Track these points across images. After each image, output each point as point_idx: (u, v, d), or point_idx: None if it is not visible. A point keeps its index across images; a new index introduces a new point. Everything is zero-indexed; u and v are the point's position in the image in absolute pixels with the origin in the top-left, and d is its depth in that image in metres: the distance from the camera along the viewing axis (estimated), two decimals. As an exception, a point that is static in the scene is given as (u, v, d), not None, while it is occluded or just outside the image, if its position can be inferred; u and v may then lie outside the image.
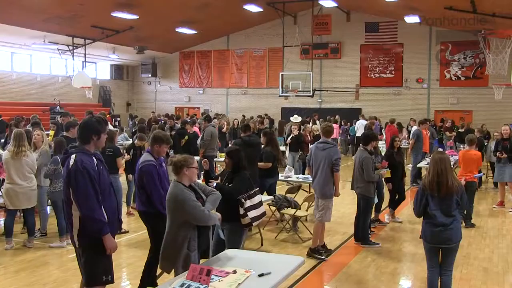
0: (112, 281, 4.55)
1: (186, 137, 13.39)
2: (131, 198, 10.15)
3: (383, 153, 10.40)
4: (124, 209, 10.07)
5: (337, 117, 23.60)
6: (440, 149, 13.61)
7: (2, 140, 12.36)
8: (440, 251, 5.46)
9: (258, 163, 9.12)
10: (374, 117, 22.65)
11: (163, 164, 5.98)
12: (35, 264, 7.12)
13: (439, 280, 5.49)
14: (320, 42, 27.13)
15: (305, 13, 26.09)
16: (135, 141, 10.56)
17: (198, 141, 13.15)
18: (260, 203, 5.75)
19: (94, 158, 4.46)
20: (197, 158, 8.86)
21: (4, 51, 26.34)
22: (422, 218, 5.52)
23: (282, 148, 17.38)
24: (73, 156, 4.36)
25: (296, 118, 17.71)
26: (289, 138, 13.96)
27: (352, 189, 8.49)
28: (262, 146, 9.63)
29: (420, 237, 5.61)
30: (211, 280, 4.00)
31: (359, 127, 21.18)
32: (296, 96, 25.39)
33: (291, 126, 14.86)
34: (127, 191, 10.34)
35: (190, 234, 4.70)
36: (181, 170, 4.80)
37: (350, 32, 27.23)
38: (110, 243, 4.41)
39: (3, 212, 9.32)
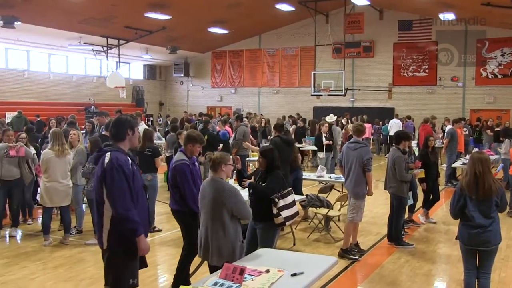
0: (137, 284, 4.41)
1: (206, 136, 13.36)
2: None
3: (416, 153, 10.24)
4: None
5: (364, 116, 23.30)
6: (476, 149, 13.31)
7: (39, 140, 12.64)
8: (478, 253, 5.32)
9: None
10: (408, 116, 22.38)
11: (196, 163, 6.02)
12: (71, 261, 7.27)
13: (476, 283, 5.37)
14: (353, 40, 26.89)
15: (337, 12, 25.91)
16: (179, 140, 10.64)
17: (231, 141, 13.18)
18: (293, 203, 5.74)
19: (128, 157, 4.35)
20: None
21: (42, 53, 26.99)
22: (458, 219, 5.40)
23: (314, 148, 17.35)
24: (108, 154, 4.24)
25: (331, 117, 17.63)
26: (324, 138, 13.68)
27: (385, 189, 8.38)
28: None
29: (456, 238, 5.49)
30: (244, 279, 4.00)
31: (392, 126, 20.92)
32: (328, 95, 25.24)
33: (320, 126, 14.68)
34: None
35: (238, 226, 4.82)
36: (219, 167, 4.87)
37: (383, 30, 26.92)
38: (144, 244, 4.27)
39: (37, 209, 9.58)
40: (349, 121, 21.48)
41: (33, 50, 26.34)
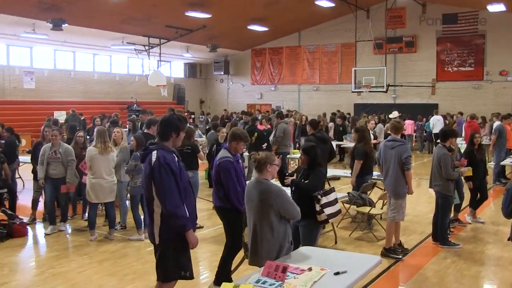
0: (191, 277, 4.56)
1: (256, 134, 13.43)
2: None
3: (462, 150, 9.98)
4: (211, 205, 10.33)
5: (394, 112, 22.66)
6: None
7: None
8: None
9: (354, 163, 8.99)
10: (460, 112, 21.85)
11: (240, 160, 6.03)
12: (116, 256, 7.42)
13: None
14: (394, 36, 26.45)
15: (378, 7, 25.50)
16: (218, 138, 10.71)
17: (271, 138, 13.17)
18: (335, 200, 5.70)
19: (174, 155, 4.45)
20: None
21: (87, 53, 27.68)
22: (511, 219, 5.19)
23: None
24: (154, 153, 4.34)
25: (394, 114, 17.45)
26: (372, 136, 13.40)
27: (430, 187, 8.19)
28: (354, 143, 9.47)
29: (508, 239, 5.29)
30: (286, 277, 3.98)
31: (435, 123, 20.47)
32: (369, 91, 24.90)
33: (366, 122, 14.45)
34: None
35: (287, 228, 4.78)
36: (265, 167, 4.82)
37: (426, 24, 26.39)
38: (193, 238, 4.42)
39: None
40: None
41: (79, 51, 27.05)
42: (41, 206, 9.30)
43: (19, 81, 24.33)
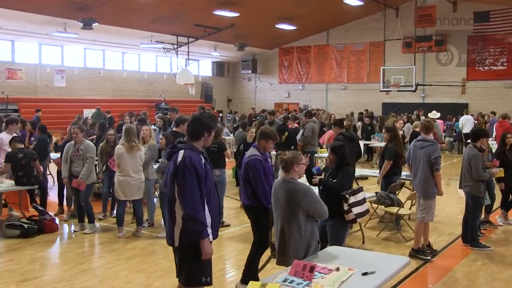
0: (210, 283, 4.41)
1: (286, 133, 13.41)
2: None
3: (493, 151, 9.77)
4: (238, 203, 10.36)
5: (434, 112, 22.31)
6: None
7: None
8: None
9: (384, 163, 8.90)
10: (493, 112, 21.42)
11: (269, 159, 6.02)
12: (144, 253, 7.49)
13: None
14: (424, 34, 26.07)
15: (407, 5, 25.20)
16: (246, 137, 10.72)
17: (298, 136, 13.14)
18: (363, 200, 5.65)
19: (201, 156, 4.32)
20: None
21: (116, 52, 28.05)
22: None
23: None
24: (181, 152, 4.23)
25: (434, 114, 17.31)
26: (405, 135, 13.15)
27: (460, 187, 8.04)
28: (385, 143, 9.37)
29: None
30: (314, 277, 3.97)
31: (464, 122, 20.11)
32: (397, 91, 24.62)
33: (394, 122, 14.26)
34: (240, 186, 10.51)
35: (314, 227, 4.75)
36: (291, 167, 4.79)
37: (456, 23, 25.91)
38: (208, 248, 4.22)
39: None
40: (420, 118, 20.82)
41: (108, 49, 27.44)
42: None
43: (50, 79, 24.81)
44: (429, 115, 17.20)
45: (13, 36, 22.94)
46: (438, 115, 17.46)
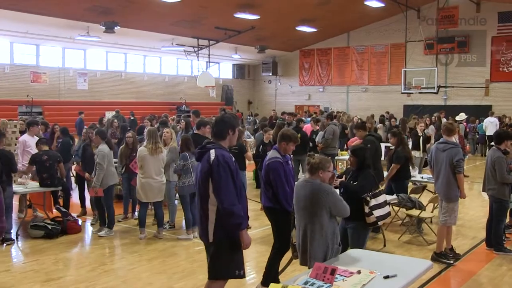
0: (244, 276, 4.61)
1: (299, 135, 13.29)
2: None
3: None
4: (259, 205, 10.38)
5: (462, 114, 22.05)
6: None
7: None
8: None
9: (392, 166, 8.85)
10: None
11: (290, 161, 6.02)
12: (165, 254, 7.54)
13: None
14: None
15: (429, 6, 24.96)
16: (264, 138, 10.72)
17: (318, 138, 13.08)
18: (385, 202, 5.61)
19: (231, 154, 4.51)
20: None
21: (138, 55, 28.32)
22: None
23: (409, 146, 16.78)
24: (212, 151, 4.38)
25: (461, 116, 17.21)
26: (421, 138, 12.98)
27: (483, 190, 7.93)
28: (393, 147, 9.32)
29: None
30: (335, 280, 3.95)
31: (488, 125, 19.82)
32: (419, 92, 24.38)
33: (416, 124, 14.07)
34: (261, 188, 10.51)
35: (336, 229, 4.76)
36: (317, 172, 4.81)
37: (479, 23, 25.55)
38: (247, 238, 4.46)
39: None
40: (441, 120, 20.57)
41: (130, 52, 27.71)
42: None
43: (73, 82, 25.16)
44: (457, 117, 17.08)
45: (38, 40, 23.34)
46: (465, 117, 17.33)
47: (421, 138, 12.72)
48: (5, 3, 17.57)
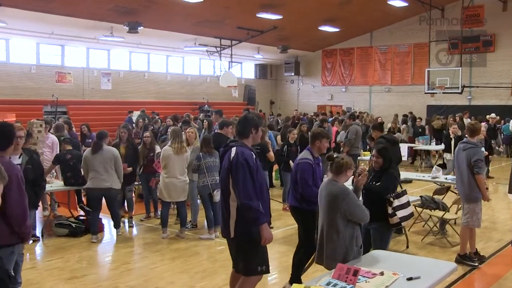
0: (267, 271, 4.68)
1: None
2: (287, 196, 10.27)
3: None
4: (281, 205, 10.40)
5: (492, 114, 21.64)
6: None
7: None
8: None
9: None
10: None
11: (320, 163, 6.02)
12: (187, 254, 7.59)
13: None
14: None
15: (454, 6, 24.61)
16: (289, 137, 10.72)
17: (340, 138, 13.02)
18: (408, 203, 5.56)
19: (252, 152, 4.62)
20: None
21: (161, 55, 28.52)
22: None
23: (433, 147, 16.63)
24: (234, 149, 4.54)
25: (492, 116, 17.14)
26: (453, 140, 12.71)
27: (509, 192, 7.81)
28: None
29: None
30: (357, 281, 3.93)
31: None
32: (443, 93, 24.06)
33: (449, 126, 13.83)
34: (283, 188, 10.52)
35: (355, 232, 4.72)
36: (345, 171, 4.79)
37: (506, 22, 25.08)
38: (267, 233, 4.51)
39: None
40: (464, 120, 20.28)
41: (153, 52, 27.91)
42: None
43: (97, 82, 25.44)
44: (487, 117, 16.95)
45: (63, 41, 23.67)
46: (497, 118, 17.16)
47: (453, 140, 12.29)
48: (31, 5, 17.86)
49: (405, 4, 22.90)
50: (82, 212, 9.49)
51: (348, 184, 5.03)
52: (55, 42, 23.73)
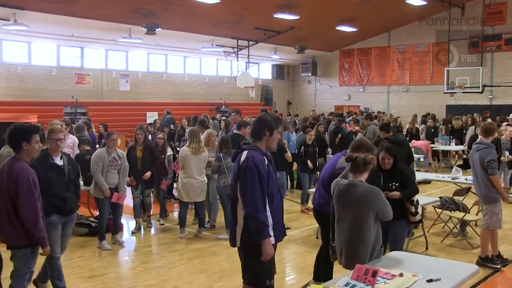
0: (272, 287, 4.35)
1: (340, 135, 13.22)
2: (305, 198, 10.27)
3: None
4: (299, 206, 10.38)
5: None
6: None
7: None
8: None
9: None
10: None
11: None
12: (205, 254, 7.61)
13: None
14: (492, 33, 25.03)
15: (474, 3, 24.28)
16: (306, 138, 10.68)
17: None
18: (417, 201, 5.65)
19: (265, 157, 4.26)
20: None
21: (178, 56, 28.66)
22: None
23: (453, 147, 16.47)
24: (245, 152, 4.22)
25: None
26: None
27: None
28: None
29: None
30: (376, 282, 3.90)
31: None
32: (463, 92, 23.77)
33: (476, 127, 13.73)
34: (302, 189, 10.53)
35: (379, 230, 4.66)
36: (367, 168, 4.66)
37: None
38: (268, 249, 4.15)
39: (176, 203, 10.12)
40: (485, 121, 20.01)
41: (171, 53, 28.07)
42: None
43: (115, 84, 25.66)
44: (510, 117, 16.76)
45: (82, 43, 23.92)
46: None
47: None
48: (52, 8, 18.07)
49: (424, 2, 22.66)
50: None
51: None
52: (75, 44, 24.00)
